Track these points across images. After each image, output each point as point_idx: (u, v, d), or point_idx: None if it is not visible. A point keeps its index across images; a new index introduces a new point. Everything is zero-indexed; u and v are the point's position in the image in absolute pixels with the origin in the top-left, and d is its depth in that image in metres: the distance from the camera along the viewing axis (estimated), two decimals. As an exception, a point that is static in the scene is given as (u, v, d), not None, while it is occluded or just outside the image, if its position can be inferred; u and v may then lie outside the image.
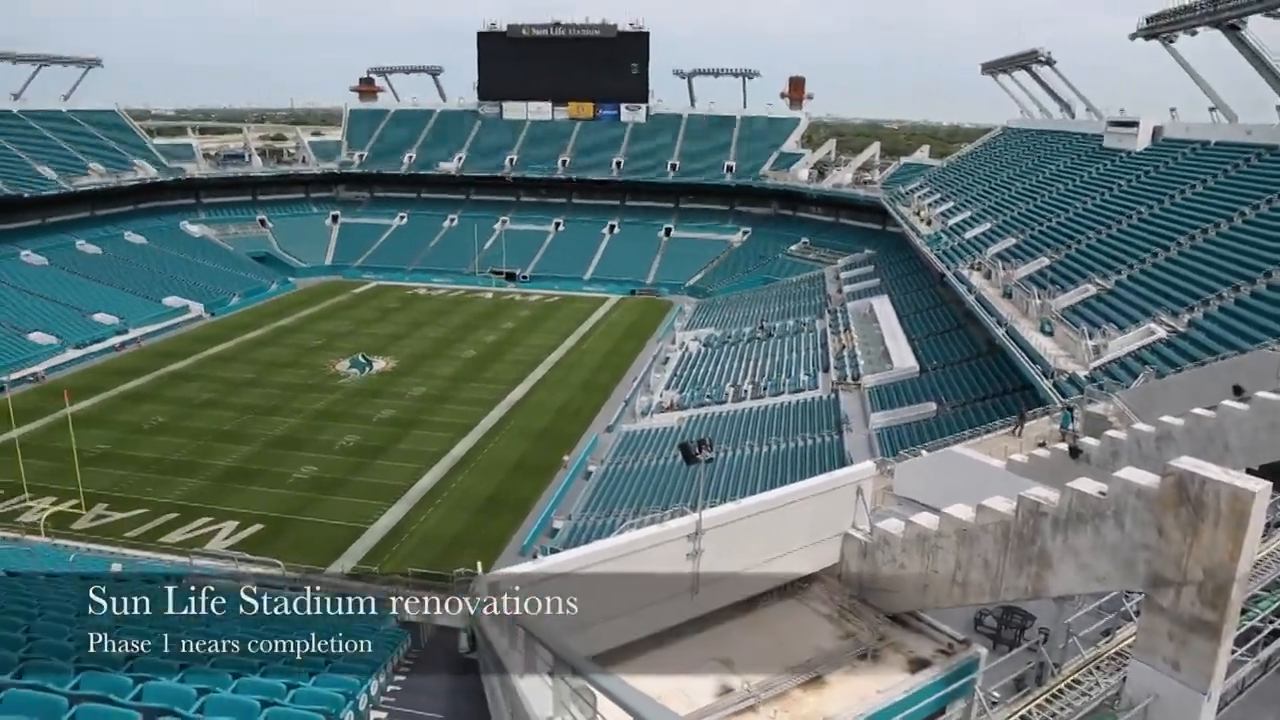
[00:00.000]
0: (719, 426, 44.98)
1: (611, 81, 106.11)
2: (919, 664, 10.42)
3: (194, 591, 21.53)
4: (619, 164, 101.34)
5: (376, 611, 21.13)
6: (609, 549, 10.26)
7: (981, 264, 47.59)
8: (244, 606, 17.86)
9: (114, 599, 15.87)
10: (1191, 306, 31.90)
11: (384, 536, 36.92)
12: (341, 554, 35.04)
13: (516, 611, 8.60)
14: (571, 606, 9.53)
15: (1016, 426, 26.24)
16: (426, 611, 21.71)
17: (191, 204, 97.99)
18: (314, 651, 12.27)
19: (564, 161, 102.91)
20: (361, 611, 21.18)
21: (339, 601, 24.33)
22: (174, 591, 20.59)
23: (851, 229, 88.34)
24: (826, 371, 49.92)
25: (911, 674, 10.21)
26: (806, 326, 60.46)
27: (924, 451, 26.74)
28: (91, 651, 9.41)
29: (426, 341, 67.20)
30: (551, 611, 8.56)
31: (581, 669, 5.32)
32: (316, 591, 26.86)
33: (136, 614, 13.59)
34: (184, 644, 11.26)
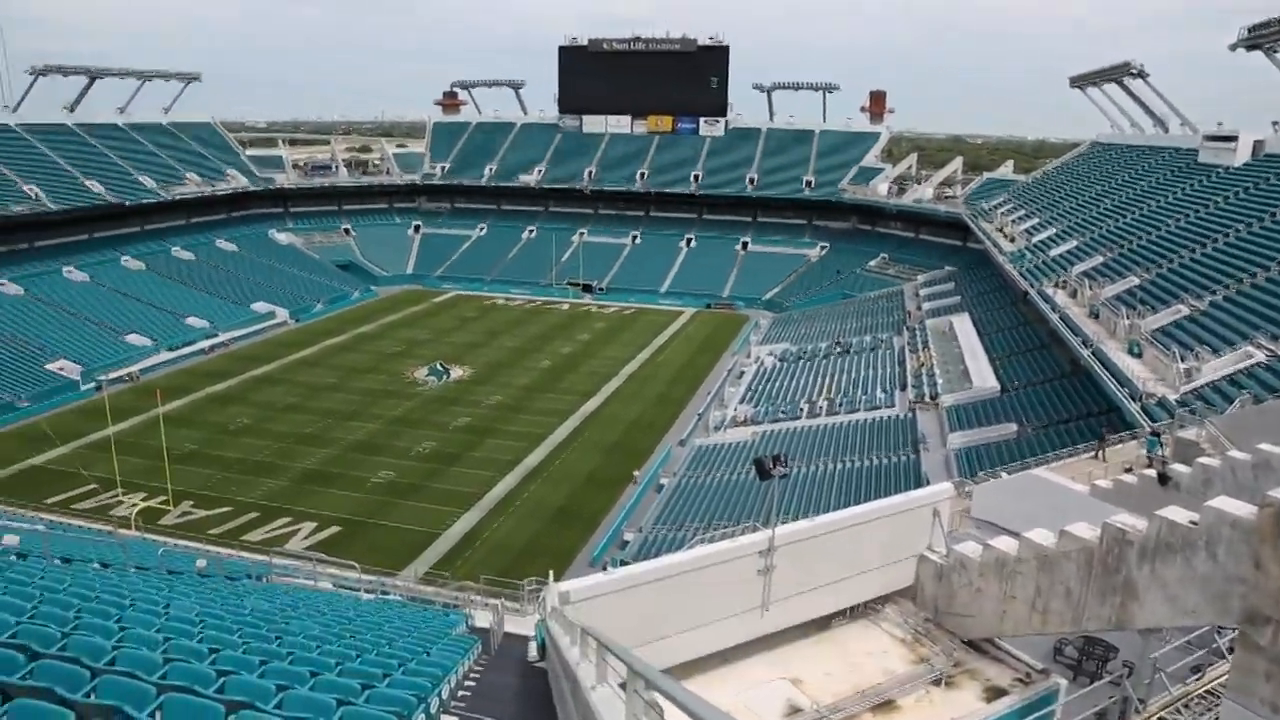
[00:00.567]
0: (793, 442, 44.60)
1: (691, 95, 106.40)
2: (995, 693, 10.13)
3: (274, 589, 22.13)
4: (697, 177, 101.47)
5: (449, 616, 21.51)
6: (680, 563, 10.22)
7: (1067, 282, 46.36)
8: (322, 606, 18.30)
9: (199, 594, 16.40)
10: (1291, 330, 30.60)
11: (456, 543, 37.42)
12: (415, 559, 35.59)
13: (587, 622, 8.63)
14: (640, 620, 9.54)
15: (1099, 450, 25.47)
16: (497, 618, 21.97)
17: (280, 213, 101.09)
18: (388, 653, 12.51)
19: (642, 174, 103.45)
20: (434, 616, 21.58)
21: (413, 606, 24.80)
22: (255, 589, 21.20)
23: (931, 245, 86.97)
24: (904, 389, 49.15)
25: (987, 703, 9.93)
26: (884, 343, 59.64)
27: (1004, 473, 26.13)
28: (177, 643, 9.73)
29: (503, 351, 68.06)
30: (621, 624, 8.57)
31: (658, 683, 5.29)
32: (391, 595, 27.41)
33: (219, 609, 14.06)
34: (263, 640, 11.59)
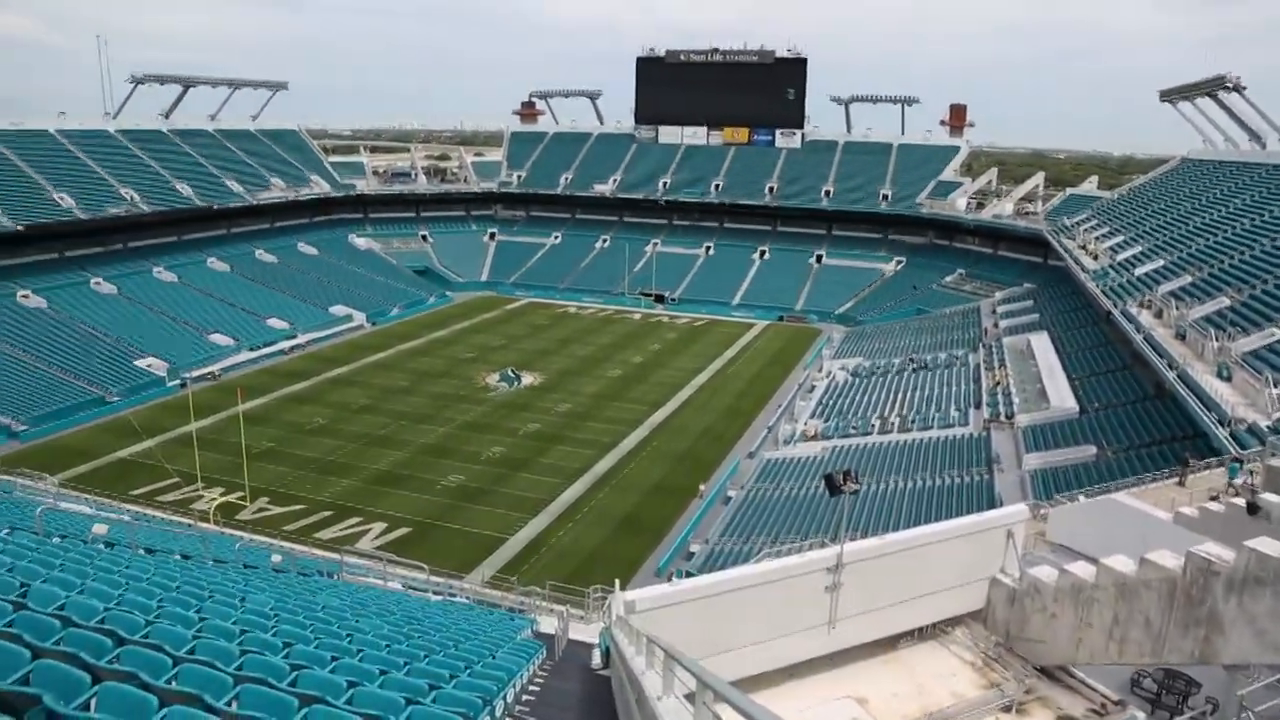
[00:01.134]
0: (863, 458, 44.03)
1: (767, 107, 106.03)
2: (1068, 722, 9.87)
3: (345, 587, 22.56)
4: (772, 189, 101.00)
5: (514, 621, 21.69)
6: (746, 576, 10.17)
7: (1152, 302, 44.99)
8: (391, 606, 18.61)
9: (273, 588, 16.82)
10: (1393, 357, 29.25)
11: (523, 548, 37.73)
12: (482, 562, 35.99)
13: (652, 632, 8.63)
14: (705, 632, 9.51)
15: (1182, 476, 24.66)
16: (561, 625, 22.07)
17: (360, 218, 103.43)
18: (455, 655, 12.67)
19: (717, 185, 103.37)
20: (500, 620, 21.77)
21: (480, 609, 25.04)
22: (326, 586, 21.64)
23: (1010, 261, 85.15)
24: (978, 408, 48.18)
25: (1060, 732, 9.69)
26: (959, 360, 58.57)
27: (1081, 497, 25.47)
28: (253, 636, 9.99)
29: (574, 359, 68.53)
30: (685, 635, 8.56)
31: (729, 696, 5.27)
32: (458, 597, 27.72)
33: (293, 604, 14.39)
34: (335, 637, 11.83)
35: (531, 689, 13.77)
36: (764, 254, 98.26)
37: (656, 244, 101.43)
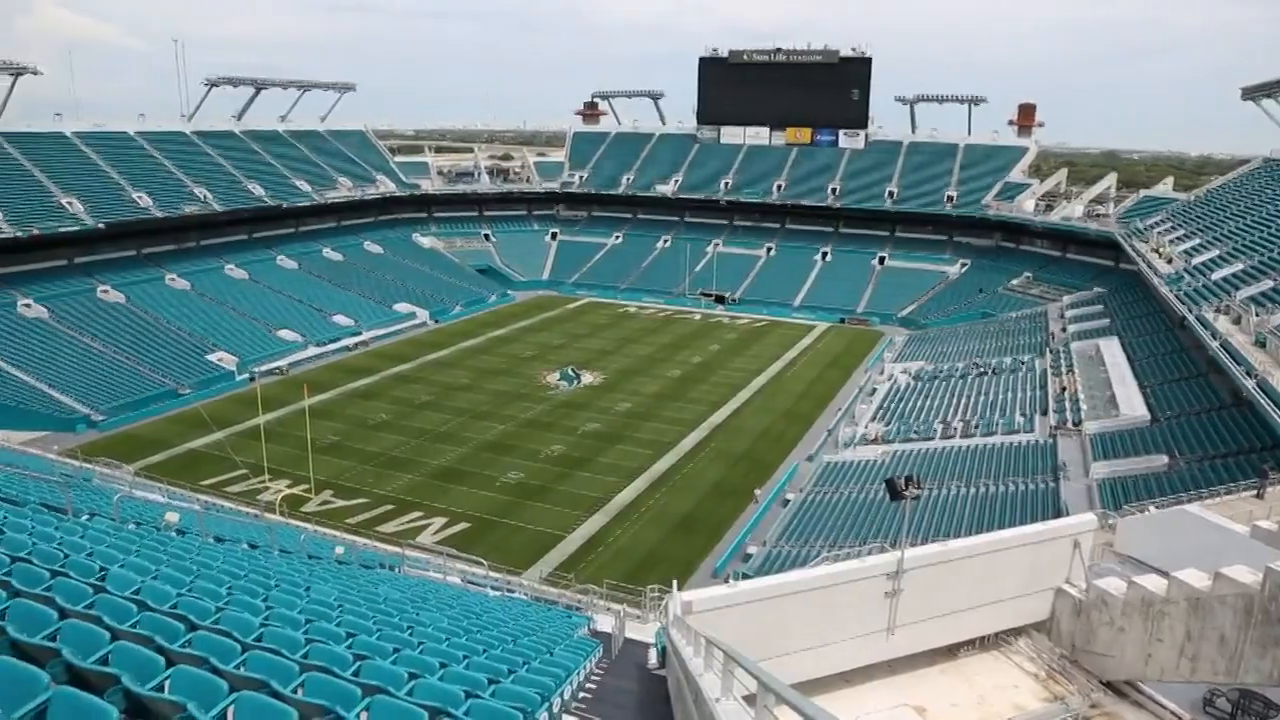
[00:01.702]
0: (925, 463, 43.40)
1: (831, 107, 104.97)
2: (1136, 739, 9.63)
3: (406, 581, 22.91)
4: (835, 190, 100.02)
5: (571, 618, 21.82)
6: (805, 580, 10.11)
7: (1230, 308, 43.60)
8: (450, 600, 18.85)
9: (336, 579, 17.14)
10: None
11: (581, 546, 37.91)
12: (539, 559, 36.25)
13: (709, 633, 8.62)
14: (762, 634, 9.46)
15: (1260, 489, 23.88)
16: (618, 623, 22.14)
17: (424, 217, 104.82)
18: (513, 650, 12.79)
19: (779, 186, 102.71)
20: (558, 617, 21.92)
21: (538, 605, 25.25)
22: (388, 578, 21.99)
23: (1079, 265, 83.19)
24: (1044, 414, 47.17)
25: (1127, 748, 9.46)
26: (1025, 365, 57.42)
27: (1152, 507, 24.81)
28: (318, 625, 10.20)
29: (634, 359, 68.67)
30: (742, 637, 8.53)
31: (791, 699, 5.25)
32: (516, 593, 27.97)
33: (356, 595, 14.66)
34: (396, 629, 12.02)
35: (588, 686, 13.84)
36: (826, 255, 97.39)
37: (718, 244, 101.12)
